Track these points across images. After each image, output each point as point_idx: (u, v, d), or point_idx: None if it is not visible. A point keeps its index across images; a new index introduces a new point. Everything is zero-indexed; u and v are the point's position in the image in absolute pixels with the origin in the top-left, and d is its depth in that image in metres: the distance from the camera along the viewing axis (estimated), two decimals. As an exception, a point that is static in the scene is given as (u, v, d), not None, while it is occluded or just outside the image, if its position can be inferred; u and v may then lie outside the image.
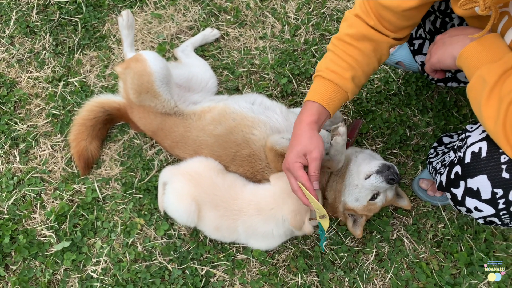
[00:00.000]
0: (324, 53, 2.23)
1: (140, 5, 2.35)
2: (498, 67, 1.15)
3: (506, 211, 1.31)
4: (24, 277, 1.79)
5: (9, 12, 2.29)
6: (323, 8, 2.36)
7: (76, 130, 1.95)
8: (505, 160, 1.26)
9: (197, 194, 1.73)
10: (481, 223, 1.54)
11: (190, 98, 1.93)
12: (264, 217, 1.71)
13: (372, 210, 1.75)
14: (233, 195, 1.74)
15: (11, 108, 2.10)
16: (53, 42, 2.24)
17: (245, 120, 1.77)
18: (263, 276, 1.84)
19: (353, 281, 1.84)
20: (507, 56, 1.16)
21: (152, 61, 1.76)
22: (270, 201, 1.70)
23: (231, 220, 1.74)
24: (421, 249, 1.90)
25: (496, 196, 1.30)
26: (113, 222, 1.91)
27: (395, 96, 2.17)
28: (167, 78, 1.79)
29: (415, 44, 1.81)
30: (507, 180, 1.26)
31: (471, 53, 1.23)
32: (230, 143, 1.77)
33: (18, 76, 2.18)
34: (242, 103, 1.82)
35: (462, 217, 1.96)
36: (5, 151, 2.02)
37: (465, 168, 1.36)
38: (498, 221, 1.38)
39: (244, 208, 1.72)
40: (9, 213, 1.90)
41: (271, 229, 1.72)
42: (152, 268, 1.83)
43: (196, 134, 1.81)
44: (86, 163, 1.95)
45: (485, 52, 1.21)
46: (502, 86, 1.15)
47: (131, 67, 1.78)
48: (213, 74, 2.11)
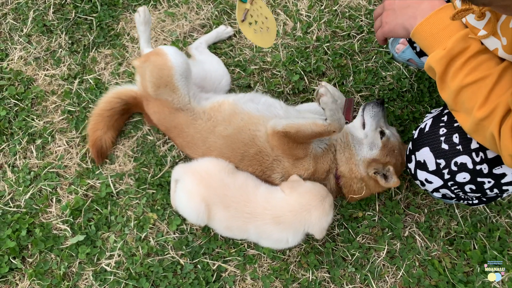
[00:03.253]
0: (336, 50, 2.24)
1: (153, 3, 2.38)
2: (444, 57, 1.20)
3: (453, 181, 1.42)
4: (40, 269, 1.83)
5: (26, 11, 2.34)
6: (335, 5, 2.36)
7: (93, 120, 1.99)
8: (443, 133, 1.40)
9: (207, 195, 1.74)
10: (438, 197, 1.63)
11: (202, 96, 1.95)
12: (281, 227, 1.71)
13: (391, 150, 1.77)
14: (245, 197, 1.74)
15: (28, 105, 2.14)
16: (69, 40, 2.28)
17: (252, 119, 1.80)
18: (274, 271, 1.85)
19: (365, 278, 1.84)
20: (452, 41, 1.19)
21: (173, 55, 1.78)
22: (289, 216, 1.69)
23: (242, 221, 1.75)
24: (433, 246, 1.89)
25: (440, 167, 1.42)
26: (127, 216, 1.94)
27: (407, 93, 2.16)
28: (187, 73, 1.82)
29: (416, 47, 1.82)
30: (447, 151, 1.39)
31: (423, 34, 1.25)
32: (238, 143, 1.79)
33: (35, 73, 2.23)
34: (249, 104, 1.85)
35: (476, 215, 1.94)
36: (22, 146, 2.07)
37: (414, 143, 1.51)
38: (451, 193, 1.49)
39: (258, 213, 1.72)
40: (26, 207, 1.95)
41: (286, 237, 1.73)
42: (164, 262, 1.85)
43: (205, 136, 1.83)
44: (99, 152, 1.99)
45: (435, 33, 1.22)
46: (449, 81, 1.22)
47: (150, 60, 1.81)
48: (226, 71, 2.12)
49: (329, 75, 2.20)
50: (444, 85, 1.25)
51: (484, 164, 1.35)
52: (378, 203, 1.97)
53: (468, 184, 1.40)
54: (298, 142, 1.72)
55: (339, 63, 2.21)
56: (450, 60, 1.20)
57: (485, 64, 1.17)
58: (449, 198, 1.59)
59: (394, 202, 1.96)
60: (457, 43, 1.18)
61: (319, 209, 1.67)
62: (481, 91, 1.15)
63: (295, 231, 1.71)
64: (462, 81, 1.18)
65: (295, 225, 1.69)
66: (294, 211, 1.69)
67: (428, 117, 1.54)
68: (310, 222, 1.67)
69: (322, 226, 1.68)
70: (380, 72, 2.21)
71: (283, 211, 1.70)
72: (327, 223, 1.69)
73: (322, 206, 1.68)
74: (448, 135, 1.39)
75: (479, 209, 1.95)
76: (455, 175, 1.40)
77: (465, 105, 1.20)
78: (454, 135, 1.38)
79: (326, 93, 1.61)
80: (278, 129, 1.69)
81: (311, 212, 1.67)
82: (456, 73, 1.19)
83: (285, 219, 1.69)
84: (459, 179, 1.40)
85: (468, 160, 1.36)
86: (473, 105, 1.17)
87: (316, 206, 1.67)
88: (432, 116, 1.50)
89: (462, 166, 1.37)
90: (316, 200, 1.68)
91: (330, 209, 1.71)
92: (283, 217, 1.70)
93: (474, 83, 1.16)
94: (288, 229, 1.71)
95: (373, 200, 1.97)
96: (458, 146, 1.37)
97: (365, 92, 2.17)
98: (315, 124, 1.66)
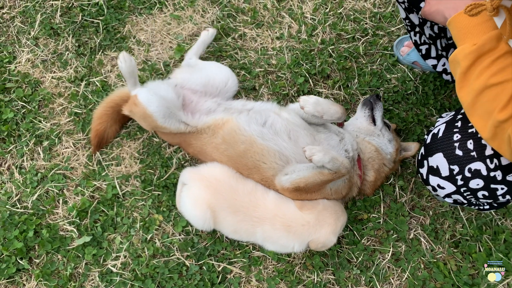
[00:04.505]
0: (340, 53, 2.25)
1: (159, 6, 2.40)
2: (473, 52, 1.18)
3: (466, 188, 1.41)
4: (47, 270, 1.85)
5: (34, 14, 2.37)
6: (340, 8, 2.37)
7: (102, 108, 2.00)
8: (457, 139, 1.39)
9: (214, 201, 1.76)
10: (450, 203, 1.61)
11: (204, 106, 1.92)
12: (290, 235, 1.73)
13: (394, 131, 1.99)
14: (254, 202, 1.75)
15: (36, 107, 2.16)
16: (75, 43, 2.31)
17: (254, 146, 1.76)
18: (279, 273, 1.85)
19: (369, 280, 1.84)
20: (484, 38, 1.17)
21: (147, 103, 1.78)
22: (300, 228, 1.72)
23: (250, 225, 1.76)
24: (438, 249, 1.89)
25: (453, 173, 1.40)
26: (133, 218, 1.95)
27: (412, 96, 2.17)
28: (169, 111, 1.80)
29: (422, 50, 1.83)
30: (461, 157, 1.38)
31: (458, 25, 1.24)
32: (242, 166, 1.80)
33: (42, 76, 2.25)
34: (253, 126, 1.79)
35: (481, 218, 1.94)
36: (29, 148, 2.08)
37: (426, 148, 1.50)
38: (463, 199, 1.48)
39: (267, 218, 1.74)
40: (33, 208, 1.97)
41: (293, 244, 1.75)
42: (170, 264, 1.86)
43: (210, 151, 1.84)
44: (100, 142, 2.04)
45: (471, 27, 1.21)
46: (473, 79, 1.19)
47: (133, 111, 1.87)
48: (230, 73, 2.08)
49: (334, 77, 2.21)
50: (466, 82, 1.21)
51: (498, 171, 1.34)
52: (383, 205, 1.97)
53: (481, 191, 1.39)
54: (312, 191, 1.74)
55: (344, 65, 2.22)
56: (478, 57, 1.17)
57: None
58: (460, 204, 1.58)
59: (399, 205, 1.97)
60: (489, 41, 1.15)
61: (332, 227, 1.71)
62: (505, 93, 1.12)
63: (302, 241, 1.73)
64: (487, 81, 1.15)
65: (304, 236, 1.72)
66: (308, 226, 1.71)
67: (440, 122, 1.52)
68: (317, 236, 1.70)
69: (325, 243, 1.71)
70: (385, 75, 2.22)
71: (296, 223, 1.72)
72: (332, 242, 1.72)
73: (335, 225, 1.72)
74: (462, 141, 1.38)
75: (485, 212, 1.95)
76: (469, 181, 1.38)
77: (485, 106, 1.18)
78: (468, 141, 1.37)
79: (315, 151, 1.61)
80: (288, 186, 1.70)
81: (324, 227, 1.70)
82: (483, 71, 1.16)
83: (296, 230, 1.72)
84: (472, 185, 1.39)
85: (482, 166, 1.34)
86: (494, 106, 1.14)
87: (330, 224, 1.71)
88: (445, 121, 1.49)
89: (476, 173, 1.36)
90: (331, 218, 1.72)
91: (340, 230, 1.75)
92: (294, 228, 1.72)
93: (499, 84, 1.13)
94: (297, 238, 1.73)
95: (378, 202, 1.97)
96: (473, 153, 1.35)
97: (370, 94, 2.17)
98: (322, 173, 1.65)
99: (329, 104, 1.75)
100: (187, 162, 2.06)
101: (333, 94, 2.18)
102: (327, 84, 2.20)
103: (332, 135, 1.81)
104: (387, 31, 2.31)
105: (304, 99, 1.73)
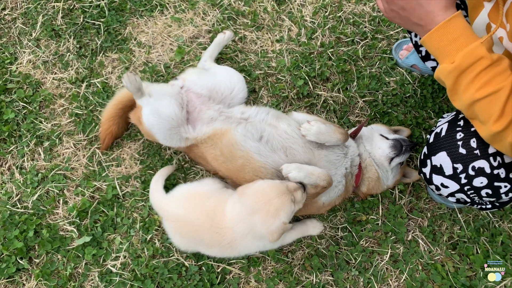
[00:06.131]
0: (340, 56, 2.26)
1: (160, 9, 2.42)
2: (452, 71, 1.17)
3: (469, 186, 1.42)
4: (47, 270, 1.85)
5: (35, 16, 2.39)
6: (339, 11, 2.39)
7: (112, 110, 2.02)
8: (460, 137, 1.39)
9: (187, 242, 1.77)
10: (453, 202, 1.63)
11: (206, 115, 1.88)
12: (248, 238, 1.64)
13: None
14: (219, 231, 1.66)
15: (37, 108, 2.18)
16: (77, 44, 2.32)
17: (251, 162, 1.73)
18: (278, 274, 1.86)
19: (368, 281, 1.85)
20: (460, 57, 1.15)
21: (150, 124, 1.82)
22: (241, 226, 1.62)
23: (230, 248, 1.69)
24: (436, 250, 1.91)
25: (457, 171, 1.41)
26: (133, 218, 1.96)
27: (411, 99, 2.19)
28: (170, 132, 1.82)
29: (422, 51, 1.84)
30: (464, 155, 1.38)
31: (431, 45, 1.22)
32: (240, 178, 1.79)
33: (44, 77, 2.26)
34: (249, 142, 1.74)
35: (479, 220, 1.95)
36: (30, 148, 2.10)
37: (429, 148, 1.51)
38: (467, 198, 1.49)
39: (235, 238, 1.65)
40: (33, 208, 1.98)
41: (262, 244, 1.71)
42: (169, 264, 1.87)
43: (210, 160, 1.84)
44: (113, 142, 2.10)
45: (443, 46, 1.19)
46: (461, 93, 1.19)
47: (139, 126, 1.94)
48: (239, 79, 2.02)
49: (333, 80, 2.23)
50: (456, 96, 1.23)
51: (501, 168, 1.34)
52: (381, 207, 1.99)
53: (484, 189, 1.40)
54: (304, 205, 1.69)
55: (343, 68, 2.24)
56: (459, 74, 1.17)
57: (498, 78, 1.14)
58: (463, 203, 1.58)
59: (398, 207, 1.98)
60: (465, 58, 1.14)
61: (263, 212, 1.53)
62: (495, 104, 1.13)
63: (259, 237, 1.61)
64: (473, 96, 1.16)
65: (254, 231, 1.59)
66: (243, 220, 1.59)
67: (442, 121, 1.53)
68: (257, 227, 1.56)
69: (270, 229, 1.53)
70: (384, 78, 2.24)
71: (236, 221, 1.62)
72: (276, 225, 1.52)
73: (266, 209, 1.52)
74: (465, 140, 1.38)
75: (482, 214, 1.97)
76: (473, 179, 1.39)
77: (479, 117, 1.19)
78: (471, 139, 1.37)
79: (291, 169, 1.63)
80: None
81: (255, 215, 1.55)
82: (467, 86, 1.17)
83: (239, 230, 1.62)
84: (476, 183, 1.39)
85: (486, 164, 1.35)
86: (488, 117, 1.15)
87: (259, 210, 1.54)
88: (447, 121, 1.49)
89: (480, 171, 1.37)
90: (259, 203, 1.54)
91: (277, 211, 1.52)
92: (237, 228, 1.63)
93: (486, 97, 1.14)
94: (254, 237, 1.63)
95: (376, 204, 1.99)
96: (476, 151, 1.36)
97: (368, 97, 2.19)
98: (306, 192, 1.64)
99: (331, 132, 1.71)
100: (187, 163, 2.07)
101: (332, 97, 2.20)
102: (326, 86, 2.22)
103: (334, 150, 1.77)
104: (386, 35, 2.33)
105: (306, 128, 1.71)
